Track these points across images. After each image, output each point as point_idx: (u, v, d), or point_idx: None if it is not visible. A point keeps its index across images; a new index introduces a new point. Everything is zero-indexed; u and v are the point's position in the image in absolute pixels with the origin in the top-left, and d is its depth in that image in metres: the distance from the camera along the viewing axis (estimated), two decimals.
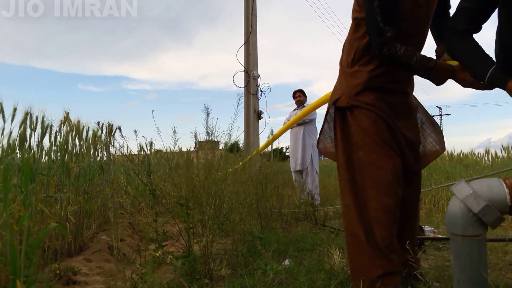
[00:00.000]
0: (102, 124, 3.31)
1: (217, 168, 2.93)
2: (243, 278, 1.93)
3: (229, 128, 3.05)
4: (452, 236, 0.93)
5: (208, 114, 2.84)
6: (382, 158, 1.76)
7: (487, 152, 7.10)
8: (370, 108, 1.78)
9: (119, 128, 2.84)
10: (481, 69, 1.44)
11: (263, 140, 8.22)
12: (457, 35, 1.54)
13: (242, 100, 7.74)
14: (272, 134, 5.15)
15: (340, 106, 1.88)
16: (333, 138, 2.00)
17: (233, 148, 5.04)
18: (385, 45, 1.65)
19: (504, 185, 0.90)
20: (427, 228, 3.57)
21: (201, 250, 2.12)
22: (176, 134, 2.71)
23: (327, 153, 2.10)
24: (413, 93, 1.98)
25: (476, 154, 7.74)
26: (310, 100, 6.39)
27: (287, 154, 10.24)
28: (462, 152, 7.86)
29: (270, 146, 5.11)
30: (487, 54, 1.50)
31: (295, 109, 6.25)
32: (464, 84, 1.65)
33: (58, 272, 2.09)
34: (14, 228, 1.74)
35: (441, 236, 3.16)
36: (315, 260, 2.34)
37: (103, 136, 3.35)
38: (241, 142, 6.61)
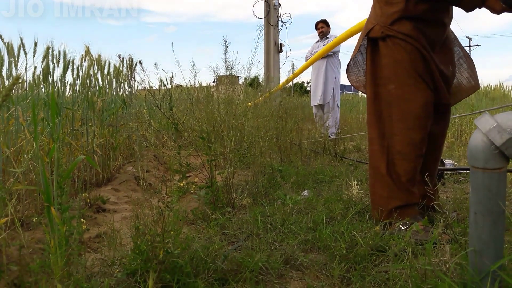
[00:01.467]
0: (123, 58, 3.30)
1: (237, 103, 2.94)
2: (264, 207, 2.00)
3: (249, 62, 3.00)
4: (472, 169, 0.93)
5: (227, 47, 2.78)
6: (413, 91, 1.73)
7: None
8: (406, 38, 1.71)
9: (140, 62, 2.83)
10: None
11: (283, 74, 8.08)
12: None
13: (262, 32, 7.48)
14: (293, 69, 5.05)
15: (373, 37, 1.81)
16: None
17: (253, 83, 5.00)
18: None
19: None
20: (447, 161, 3.56)
21: (223, 181, 2.20)
22: (195, 68, 2.69)
23: (359, 86, 2.06)
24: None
25: (505, 87, 7.46)
26: (334, 32, 6.15)
27: (308, 88, 10.08)
28: (490, 85, 7.59)
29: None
30: None
31: (318, 41, 6.05)
32: (495, 11, 1.55)
33: (88, 200, 2.21)
34: (45, 160, 1.83)
35: (460, 167, 3.15)
36: (333, 191, 2.40)
37: (124, 71, 3.35)
38: (261, 77, 6.53)
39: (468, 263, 1.01)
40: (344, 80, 4.28)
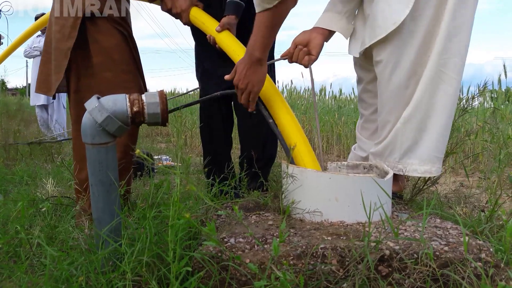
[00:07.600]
0: None
1: None
2: None
3: None
4: (86, 145, 1.03)
5: None
6: (132, 79, 1.62)
7: None
8: (120, 23, 1.61)
9: None
10: None
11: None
12: None
13: None
14: None
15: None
16: None
17: None
18: None
19: (128, 99, 1.05)
20: (163, 157, 3.90)
21: None
22: None
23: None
24: None
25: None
26: None
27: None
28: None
29: None
30: None
31: (39, 35, 5.57)
32: None
33: None
34: None
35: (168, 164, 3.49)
36: (24, 191, 2.24)
37: None
38: None
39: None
40: None
